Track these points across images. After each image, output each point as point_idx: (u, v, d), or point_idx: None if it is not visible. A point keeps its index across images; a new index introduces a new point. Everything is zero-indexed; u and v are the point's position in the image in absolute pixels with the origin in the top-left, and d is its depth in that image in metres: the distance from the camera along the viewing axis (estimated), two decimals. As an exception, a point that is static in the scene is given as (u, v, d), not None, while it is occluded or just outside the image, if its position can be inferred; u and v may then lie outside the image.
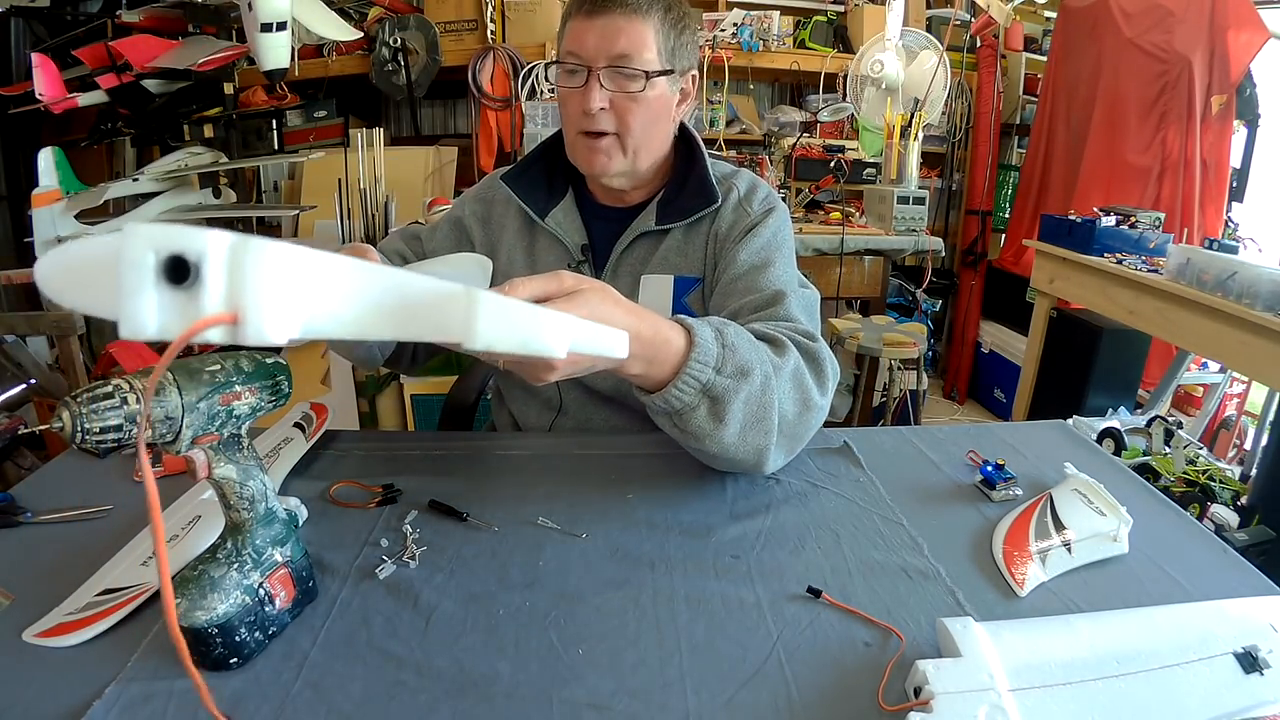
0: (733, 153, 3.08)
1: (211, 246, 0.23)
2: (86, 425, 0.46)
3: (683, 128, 1.01)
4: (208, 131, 2.53)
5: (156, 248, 0.23)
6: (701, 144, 1.02)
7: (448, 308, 0.29)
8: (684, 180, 0.98)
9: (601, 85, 0.88)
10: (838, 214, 2.78)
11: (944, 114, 3.21)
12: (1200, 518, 1.64)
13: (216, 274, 0.24)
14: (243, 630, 0.54)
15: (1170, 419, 2.14)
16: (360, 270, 0.28)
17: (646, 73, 0.89)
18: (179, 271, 0.23)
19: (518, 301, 0.32)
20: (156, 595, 0.61)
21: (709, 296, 0.97)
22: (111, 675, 0.53)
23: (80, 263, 0.27)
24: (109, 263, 0.24)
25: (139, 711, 0.50)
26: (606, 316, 0.59)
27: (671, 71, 0.92)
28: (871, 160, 2.98)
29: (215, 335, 0.25)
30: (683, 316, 0.70)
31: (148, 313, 0.23)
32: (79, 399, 0.46)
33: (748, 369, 0.70)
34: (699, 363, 0.67)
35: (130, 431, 0.48)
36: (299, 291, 0.25)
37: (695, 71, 0.98)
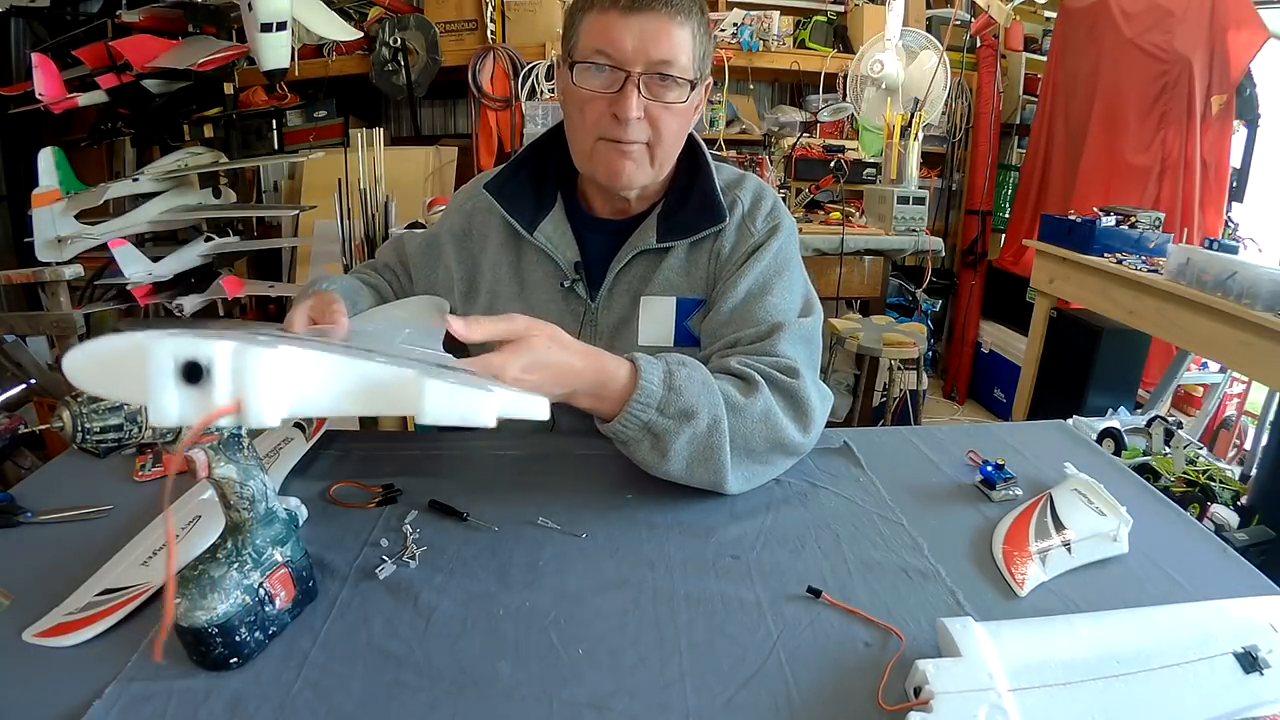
0: (733, 153, 3.08)
1: (218, 353, 0.29)
2: (87, 425, 0.46)
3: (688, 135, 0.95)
4: (208, 131, 2.53)
5: (175, 354, 0.29)
6: (707, 153, 0.95)
7: (403, 391, 0.36)
8: (686, 193, 0.92)
9: (639, 92, 0.80)
10: (838, 214, 2.78)
11: (944, 114, 3.21)
12: (1200, 518, 1.64)
13: (223, 374, 0.30)
14: (243, 630, 0.54)
15: (1170, 419, 2.14)
16: (334, 365, 0.34)
17: (691, 82, 0.82)
18: (193, 373, 0.29)
19: (455, 386, 0.38)
20: (156, 595, 0.61)
21: (704, 314, 0.92)
22: (111, 675, 0.53)
23: (108, 358, 0.32)
24: (133, 358, 0.30)
25: (139, 711, 0.50)
26: (554, 359, 0.67)
27: (698, 82, 0.85)
28: (871, 160, 2.98)
29: (225, 421, 0.31)
30: (637, 355, 0.74)
31: (170, 406, 0.30)
32: (79, 399, 0.46)
33: (692, 412, 0.74)
34: (640, 403, 0.72)
35: (130, 431, 0.48)
36: (286, 383, 0.32)
37: (711, 80, 0.93)
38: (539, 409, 0.44)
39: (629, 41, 0.79)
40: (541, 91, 2.80)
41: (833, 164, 2.90)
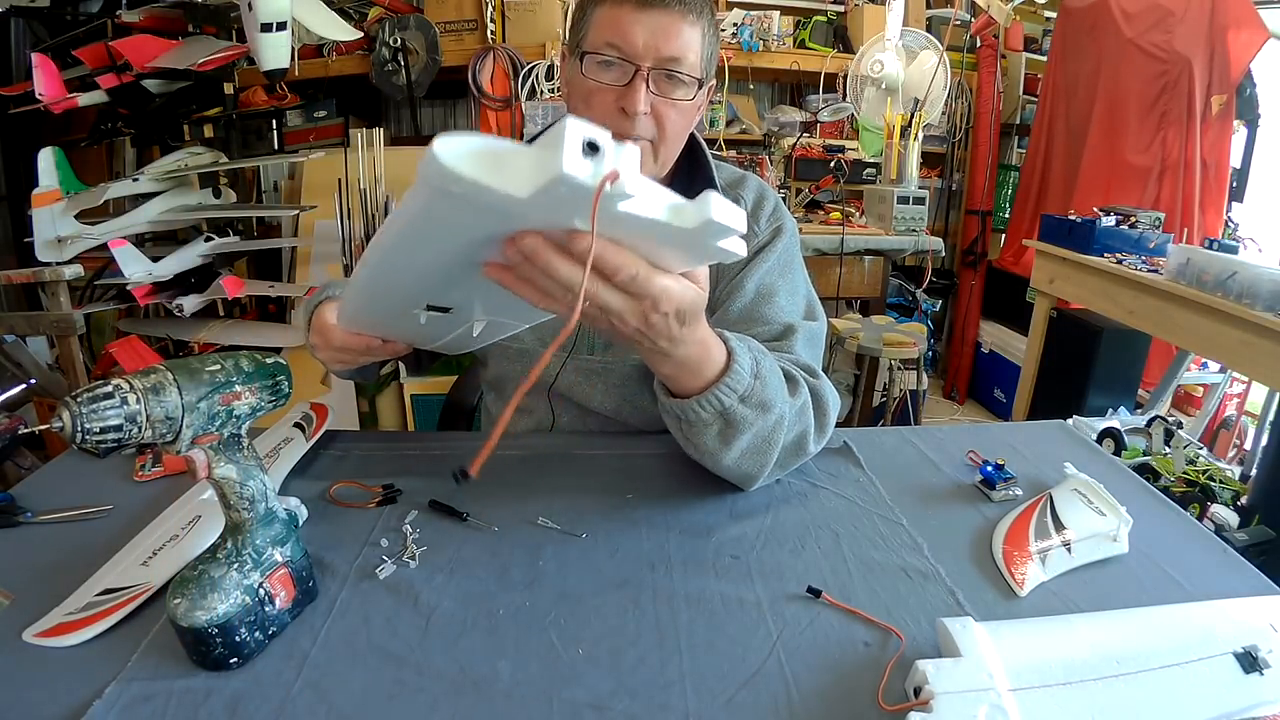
0: (733, 153, 3.07)
1: (608, 139, 0.41)
2: (86, 425, 0.46)
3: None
4: (208, 131, 2.53)
5: (584, 134, 0.41)
6: (707, 151, 0.96)
7: (690, 206, 0.48)
8: (687, 190, 0.93)
9: (648, 87, 0.80)
10: (838, 214, 2.78)
11: (944, 114, 3.21)
12: (1200, 518, 1.64)
13: (611, 152, 0.41)
14: (243, 630, 0.54)
15: (1170, 419, 2.14)
16: (655, 185, 0.47)
17: (699, 80, 0.83)
18: (593, 148, 0.41)
19: (728, 201, 0.48)
20: (156, 595, 0.61)
21: (708, 317, 0.93)
22: (111, 675, 0.53)
23: (490, 149, 0.41)
24: (503, 152, 0.42)
25: (139, 711, 0.50)
26: (698, 299, 0.60)
27: (704, 81, 0.86)
28: (871, 160, 2.98)
29: (607, 187, 0.41)
30: (728, 335, 0.70)
31: (579, 166, 0.40)
32: (79, 399, 0.46)
33: (769, 405, 0.71)
34: (728, 387, 0.68)
35: (130, 431, 0.48)
36: (640, 180, 0.44)
37: (714, 82, 0.93)
38: (742, 248, 0.53)
39: (641, 36, 0.79)
40: (541, 91, 2.80)
41: (833, 164, 2.90)
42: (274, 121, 2.79)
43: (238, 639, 0.54)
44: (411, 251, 0.54)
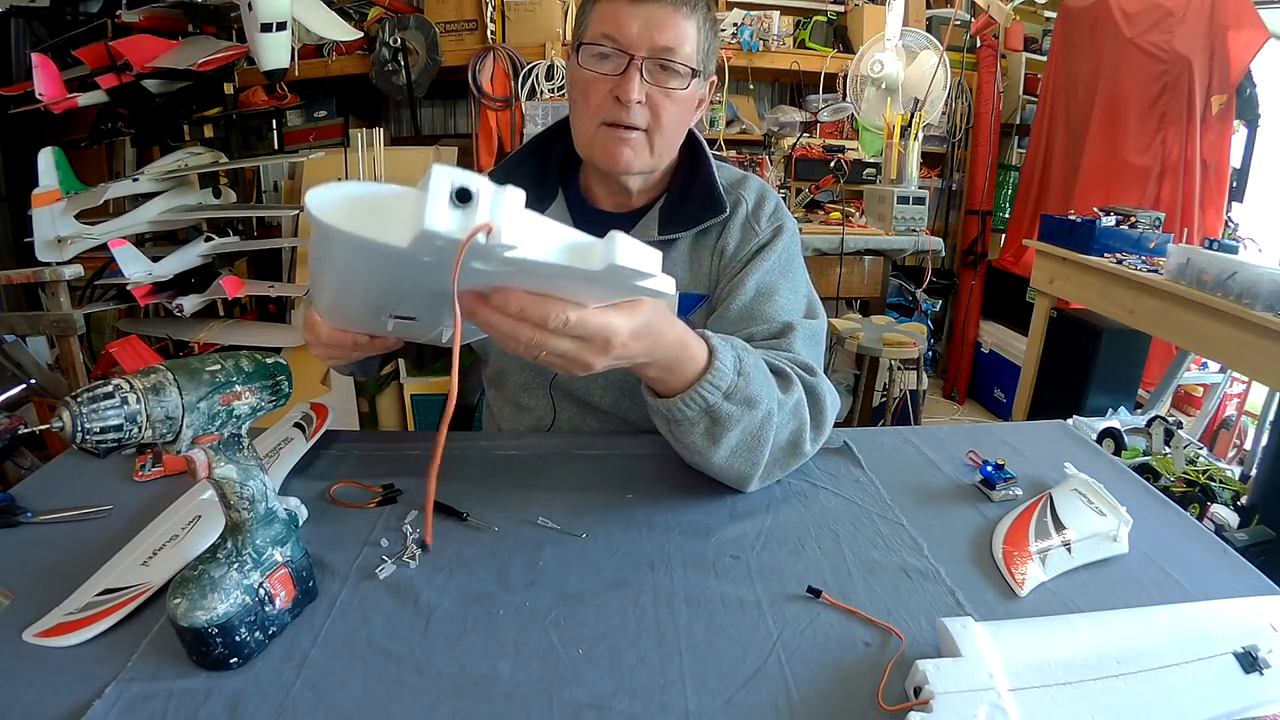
0: (733, 153, 3.08)
1: (484, 185, 0.39)
2: (86, 425, 0.46)
3: (689, 131, 0.98)
4: (208, 131, 2.53)
5: (452, 180, 0.38)
6: (707, 149, 0.98)
7: (596, 248, 0.44)
8: (688, 186, 0.95)
9: (642, 77, 0.83)
10: (838, 214, 2.78)
11: (944, 114, 3.21)
12: (1200, 518, 1.64)
13: (485, 200, 0.39)
14: (243, 630, 0.54)
15: (1170, 419, 2.14)
16: (547, 223, 0.44)
17: (693, 70, 0.85)
18: (464, 196, 0.38)
19: (636, 241, 0.45)
20: (156, 595, 0.61)
21: (708, 315, 0.94)
22: (111, 675, 0.53)
23: (357, 197, 0.39)
24: (382, 200, 0.39)
25: (139, 711, 0.50)
26: (657, 325, 0.61)
27: (701, 74, 0.87)
28: (871, 160, 2.98)
29: (479, 239, 0.39)
30: (710, 334, 0.71)
31: (443, 217, 0.38)
32: (79, 399, 0.46)
33: (755, 401, 0.72)
34: (710, 384, 0.69)
35: (130, 431, 0.48)
36: (525, 225, 0.41)
37: (715, 78, 0.95)
38: (669, 286, 0.51)
39: (635, 27, 0.82)
40: (541, 91, 2.80)
41: (833, 164, 2.90)
42: (274, 121, 2.78)
43: (238, 639, 0.54)
44: (338, 274, 0.53)
